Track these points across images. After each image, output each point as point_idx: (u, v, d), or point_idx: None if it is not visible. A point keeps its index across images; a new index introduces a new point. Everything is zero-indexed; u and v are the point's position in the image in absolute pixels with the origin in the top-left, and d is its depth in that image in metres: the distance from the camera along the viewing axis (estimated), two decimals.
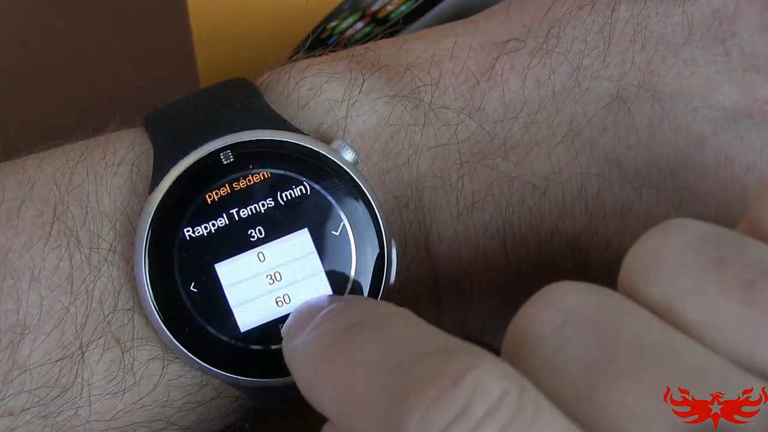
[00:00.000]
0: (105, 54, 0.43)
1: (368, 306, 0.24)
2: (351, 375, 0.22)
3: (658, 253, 0.22)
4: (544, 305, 0.22)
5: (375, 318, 0.23)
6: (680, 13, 0.30)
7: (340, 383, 0.22)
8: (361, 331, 0.23)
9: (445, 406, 0.20)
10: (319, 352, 0.24)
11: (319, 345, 0.24)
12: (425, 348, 0.22)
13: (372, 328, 0.23)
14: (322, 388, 0.23)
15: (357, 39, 0.38)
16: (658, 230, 0.23)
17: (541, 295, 0.22)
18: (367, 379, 0.22)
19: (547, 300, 0.22)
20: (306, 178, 0.28)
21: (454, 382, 0.20)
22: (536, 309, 0.22)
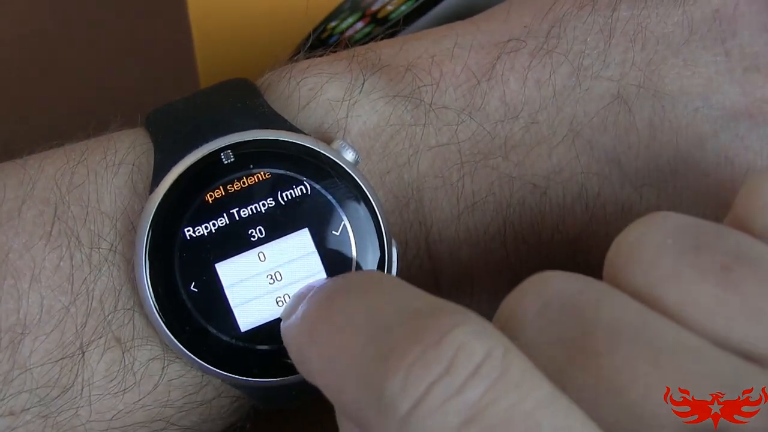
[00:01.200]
0: (105, 54, 0.43)
1: (353, 275, 0.24)
2: (335, 341, 0.22)
3: (639, 242, 0.23)
4: (529, 291, 0.23)
5: (358, 283, 0.23)
6: (680, 13, 0.30)
7: (325, 350, 0.22)
8: (344, 295, 0.23)
9: (427, 366, 0.20)
10: (306, 324, 0.24)
11: (305, 317, 0.24)
12: (408, 308, 0.21)
13: (355, 292, 0.23)
14: (310, 358, 0.23)
15: (357, 39, 0.38)
16: (640, 222, 0.23)
17: (526, 282, 0.23)
18: (350, 342, 0.21)
19: (532, 286, 0.23)
20: (306, 177, 0.28)
21: (436, 340, 0.20)
22: (521, 294, 0.23)
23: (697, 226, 0.23)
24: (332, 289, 0.24)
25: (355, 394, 0.21)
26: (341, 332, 0.22)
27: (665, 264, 0.22)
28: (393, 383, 0.20)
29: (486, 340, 0.20)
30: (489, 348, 0.20)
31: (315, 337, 0.23)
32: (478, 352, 0.20)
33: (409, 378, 0.20)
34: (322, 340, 0.23)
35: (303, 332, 0.24)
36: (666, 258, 0.22)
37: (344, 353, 0.22)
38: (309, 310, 0.24)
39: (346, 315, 0.22)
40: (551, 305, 0.22)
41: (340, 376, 0.22)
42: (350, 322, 0.22)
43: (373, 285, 0.23)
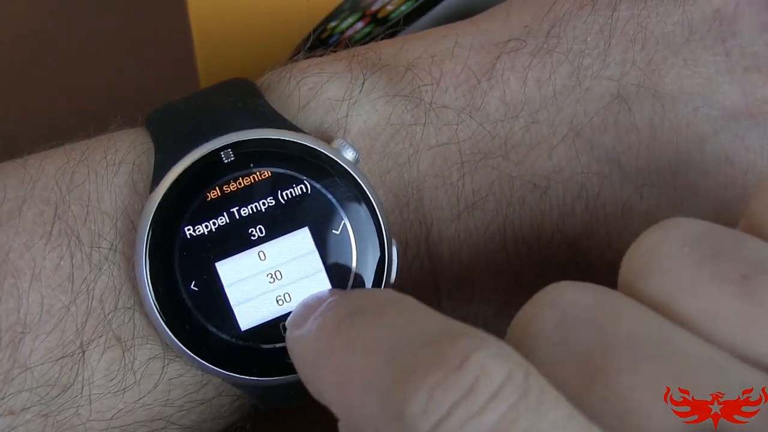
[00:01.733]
0: (105, 54, 0.43)
1: (370, 293, 0.24)
2: (352, 360, 0.22)
3: (656, 251, 0.23)
4: (544, 303, 0.22)
5: (377, 304, 0.23)
6: (680, 13, 0.30)
7: (341, 369, 0.22)
8: (362, 316, 0.23)
9: (449, 388, 0.20)
10: (321, 340, 0.23)
11: (321, 333, 0.24)
12: (428, 332, 0.21)
13: (374, 314, 0.23)
14: (323, 376, 0.23)
15: (357, 39, 0.38)
16: (656, 229, 0.23)
17: (541, 294, 0.23)
18: (368, 362, 0.21)
19: (547, 298, 0.22)
20: (307, 176, 0.28)
21: (458, 364, 0.20)
22: (536, 307, 0.22)
23: (714, 232, 0.23)
24: (350, 308, 0.23)
25: (372, 414, 0.21)
26: (360, 352, 0.22)
27: (683, 273, 0.22)
28: (414, 405, 0.20)
29: (506, 363, 0.20)
30: (509, 371, 0.20)
31: (329, 354, 0.23)
32: (499, 375, 0.20)
33: (431, 400, 0.20)
34: (338, 358, 0.22)
35: (318, 348, 0.24)
36: (684, 267, 0.22)
37: (363, 373, 0.21)
38: (325, 326, 0.24)
39: (365, 335, 0.22)
40: (568, 319, 0.22)
41: (356, 395, 0.21)
42: (370, 343, 0.22)
43: (392, 306, 0.23)
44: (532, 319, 0.22)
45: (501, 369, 0.20)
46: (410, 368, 0.21)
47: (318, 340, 0.24)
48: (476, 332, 0.21)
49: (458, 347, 0.20)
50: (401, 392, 0.20)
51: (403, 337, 0.22)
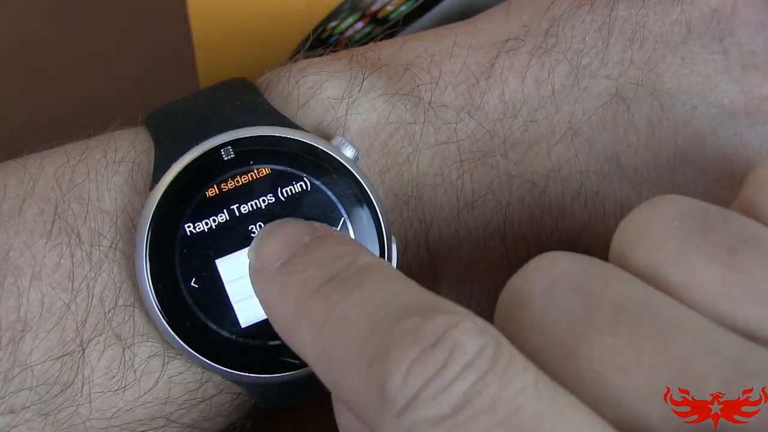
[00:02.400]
0: (105, 54, 0.43)
1: (347, 252, 0.24)
2: (332, 329, 0.23)
3: (645, 224, 0.23)
4: (534, 270, 0.23)
5: (356, 270, 0.24)
6: (678, 12, 0.30)
7: (321, 336, 0.23)
8: (342, 283, 0.23)
9: (425, 365, 0.21)
10: (299, 297, 0.24)
11: (298, 288, 0.24)
12: (405, 304, 0.22)
13: (353, 281, 0.23)
14: (302, 338, 0.24)
15: (357, 39, 0.39)
16: (647, 204, 0.24)
17: (532, 262, 0.24)
18: (348, 335, 0.22)
19: (538, 266, 0.23)
20: (306, 174, 0.28)
21: (434, 341, 0.21)
22: (527, 274, 0.23)
23: (704, 209, 0.23)
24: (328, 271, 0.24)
25: (353, 385, 0.22)
26: (339, 323, 0.23)
27: (671, 245, 0.23)
28: (393, 380, 0.21)
29: (479, 338, 0.21)
30: (481, 344, 0.21)
31: (307, 316, 0.23)
32: (471, 349, 0.21)
33: (408, 376, 0.21)
34: (317, 323, 0.23)
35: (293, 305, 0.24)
36: (672, 239, 0.23)
37: (342, 345, 0.22)
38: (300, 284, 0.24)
39: (344, 304, 0.23)
40: (557, 284, 0.23)
41: (337, 365, 0.22)
42: (348, 313, 0.23)
43: (369, 272, 0.24)
44: (523, 284, 0.23)
45: (473, 343, 0.21)
46: (389, 344, 0.21)
47: (294, 300, 0.24)
48: (451, 307, 0.22)
49: (434, 324, 0.21)
50: (381, 367, 0.21)
51: (381, 308, 0.22)
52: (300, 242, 0.25)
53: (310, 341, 0.23)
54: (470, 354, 0.21)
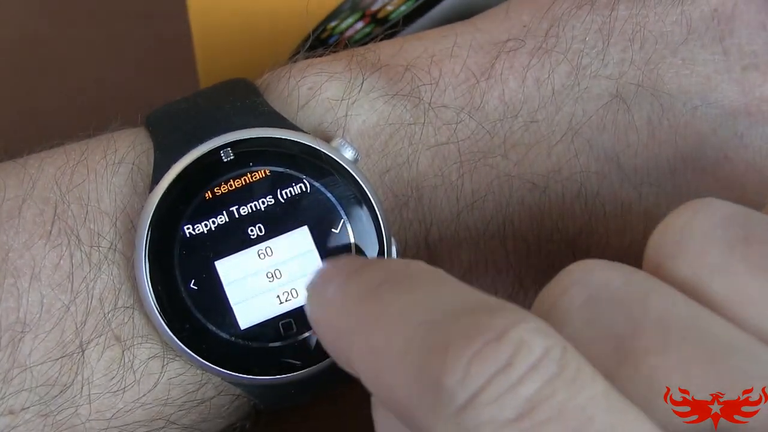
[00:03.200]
0: (105, 54, 0.43)
1: (400, 263, 0.23)
2: (385, 328, 0.21)
3: (686, 231, 0.22)
4: (572, 281, 0.22)
5: (409, 274, 0.23)
6: (679, 13, 0.30)
7: (372, 337, 0.21)
8: (396, 284, 0.22)
9: (488, 360, 0.20)
10: (349, 306, 0.23)
11: (348, 300, 0.23)
12: (465, 303, 0.21)
13: (406, 283, 0.22)
14: (351, 342, 0.22)
15: (357, 39, 0.38)
16: (686, 208, 0.23)
17: (567, 271, 0.22)
18: (403, 332, 0.21)
19: (575, 276, 0.22)
20: (306, 175, 0.28)
21: (497, 336, 0.20)
22: (563, 285, 0.22)
23: (746, 215, 0.22)
24: (381, 275, 0.23)
25: (406, 385, 0.21)
26: (393, 322, 0.21)
27: (714, 255, 0.22)
28: (453, 375, 0.20)
29: (545, 338, 0.20)
30: (547, 346, 0.20)
31: (359, 321, 0.22)
32: (537, 349, 0.20)
33: (470, 370, 0.20)
34: (369, 328, 0.22)
35: (345, 317, 0.23)
36: (714, 248, 0.22)
37: (396, 343, 0.21)
38: (353, 293, 0.23)
39: (398, 304, 0.22)
40: (596, 298, 0.21)
41: (389, 365, 0.21)
42: (403, 313, 0.21)
43: (425, 276, 0.23)
44: (559, 297, 0.22)
45: (540, 343, 0.20)
46: (448, 338, 0.20)
47: (345, 308, 0.23)
48: (514, 307, 0.21)
49: (497, 319, 0.20)
50: (439, 362, 0.20)
51: (439, 307, 0.21)
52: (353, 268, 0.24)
53: (359, 345, 0.22)
54: (537, 354, 0.20)
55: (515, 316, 0.20)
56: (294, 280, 0.28)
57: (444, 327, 0.20)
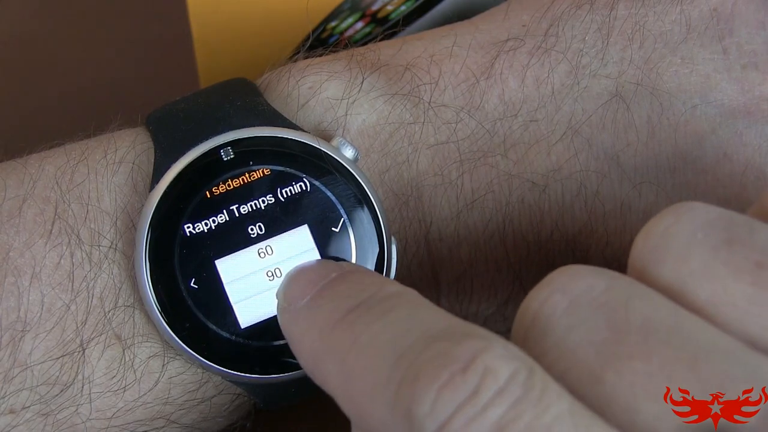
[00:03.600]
0: (105, 54, 0.43)
1: (373, 284, 0.24)
2: (357, 357, 0.22)
3: (668, 235, 0.22)
4: (554, 288, 0.22)
5: (381, 298, 0.23)
6: (678, 12, 0.30)
7: (346, 365, 0.22)
8: (367, 311, 0.23)
9: (455, 390, 0.20)
10: (324, 328, 0.23)
11: (323, 320, 0.23)
12: (433, 331, 0.22)
13: (379, 309, 0.23)
14: (328, 368, 0.23)
15: (357, 39, 0.39)
16: (668, 212, 0.23)
17: (550, 278, 0.22)
18: (374, 361, 0.22)
19: (556, 283, 0.22)
20: (306, 174, 0.28)
21: (464, 366, 0.20)
22: (546, 292, 0.22)
23: (729, 219, 0.22)
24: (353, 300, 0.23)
25: (379, 413, 0.21)
26: (365, 350, 0.22)
27: (697, 259, 0.22)
28: (421, 406, 0.20)
29: (511, 363, 0.20)
30: (513, 370, 0.20)
31: (333, 346, 0.23)
32: (503, 374, 0.20)
33: (437, 401, 0.20)
34: (342, 352, 0.22)
35: (319, 340, 0.23)
36: (697, 252, 0.22)
37: (369, 372, 0.22)
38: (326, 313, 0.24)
39: (370, 332, 0.22)
40: (579, 303, 0.22)
41: (362, 394, 0.22)
42: (375, 341, 0.22)
43: (395, 300, 0.23)
44: (542, 304, 0.22)
45: (505, 368, 0.20)
46: (418, 369, 0.21)
47: (319, 329, 0.23)
48: (481, 332, 0.21)
49: (464, 348, 0.21)
50: (409, 393, 0.20)
51: (409, 336, 0.22)
52: (326, 278, 0.25)
53: (334, 372, 0.23)
54: (503, 379, 0.20)
55: (483, 343, 0.21)
56: None
57: (413, 357, 0.21)
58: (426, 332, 0.22)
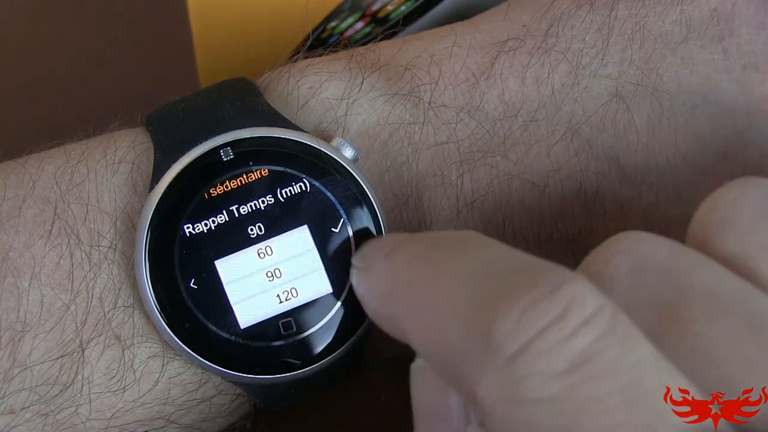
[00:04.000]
0: (106, 54, 0.43)
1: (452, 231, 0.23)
2: (436, 286, 0.21)
3: (734, 207, 0.22)
4: (618, 250, 0.22)
5: (460, 237, 0.23)
6: (678, 12, 0.30)
7: (421, 296, 0.22)
8: (447, 248, 0.22)
9: (542, 310, 0.20)
10: (397, 273, 0.23)
11: (397, 266, 0.23)
12: (519, 263, 0.21)
13: (458, 247, 0.22)
14: (399, 303, 0.22)
15: (357, 39, 0.39)
16: (733, 186, 0.23)
17: (613, 240, 0.22)
18: (454, 288, 0.21)
19: (621, 245, 0.22)
20: (306, 175, 0.28)
21: (552, 289, 0.20)
22: (610, 252, 0.22)
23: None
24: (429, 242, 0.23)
25: (455, 338, 0.21)
26: (444, 282, 0.21)
27: (762, 232, 0.22)
28: (504, 325, 0.20)
29: (598, 297, 0.20)
30: (600, 304, 0.20)
31: (410, 286, 0.22)
32: (590, 305, 0.20)
33: (522, 320, 0.20)
34: (418, 289, 0.22)
35: (393, 281, 0.23)
36: (763, 226, 0.22)
37: (447, 300, 0.21)
38: (402, 259, 0.23)
39: (449, 266, 0.22)
40: (642, 267, 0.22)
41: (439, 321, 0.21)
42: (456, 271, 0.21)
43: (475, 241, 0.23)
44: (605, 264, 0.22)
45: (592, 301, 0.20)
46: (500, 292, 0.20)
47: (393, 273, 0.23)
48: (566, 270, 0.21)
49: (552, 274, 0.20)
50: (491, 313, 0.20)
51: (491, 266, 0.21)
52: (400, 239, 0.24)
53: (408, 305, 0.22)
54: (589, 310, 0.20)
55: (569, 273, 0.21)
56: (294, 279, 0.28)
57: (496, 282, 0.21)
58: (511, 264, 0.21)
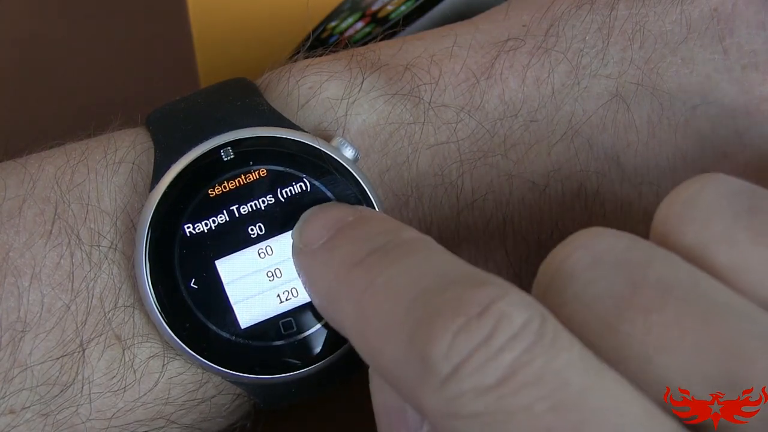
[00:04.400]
0: (106, 54, 0.43)
1: (391, 228, 0.24)
2: (374, 297, 0.23)
3: (692, 202, 0.23)
4: (577, 245, 0.23)
5: (399, 243, 0.24)
6: (679, 12, 0.30)
7: (362, 305, 0.23)
8: (385, 254, 0.23)
9: (471, 334, 0.21)
10: (340, 270, 0.24)
11: (339, 261, 0.24)
12: (450, 276, 0.22)
13: (396, 253, 0.23)
14: (343, 308, 0.24)
15: (357, 39, 0.39)
16: (694, 181, 0.24)
17: (574, 236, 0.23)
18: (390, 303, 0.22)
19: (580, 241, 0.23)
20: (306, 174, 0.28)
21: (480, 311, 0.21)
22: (570, 248, 0.23)
23: (752, 190, 0.23)
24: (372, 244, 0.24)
25: (395, 355, 0.22)
26: (382, 291, 0.23)
27: (719, 224, 0.23)
28: (437, 349, 0.21)
29: (525, 310, 0.21)
30: (527, 317, 0.21)
31: (349, 287, 0.23)
32: (517, 320, 0.21)
33: (453, 345, 0.21)
34: (358, 293, 0.23)
35: (334, 277, 0.24)
36: (720, 218, 0.23)
37: (385, 314, 0.22)
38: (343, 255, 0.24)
39: (388, 274, 0.23)
40: (601, 260, 0.22)
41: (377, 333, 0.22)
42: (392, 283, 0.23)
43: (414, 246, 0.24)
44: (565, 259, 0.23)
45: (520, 315, 0.21)
46: (433, 312, 0.21)
47: (335, 271, 0.24)
48: (497, 280, 0.22)
49: (480, 294, 0.21)
50: (425, 335, 0.21)
51: (426, 279, 0.22)
52: (343, 221, 0.25)
53: (349, 312, 0.23)
54: (517, 325, 0.21)
55: (499, 291, 0.22)
56: (294, 279, 0.28)
57: (430, 300, 0.22)
58: (443, 276, 0.22)
